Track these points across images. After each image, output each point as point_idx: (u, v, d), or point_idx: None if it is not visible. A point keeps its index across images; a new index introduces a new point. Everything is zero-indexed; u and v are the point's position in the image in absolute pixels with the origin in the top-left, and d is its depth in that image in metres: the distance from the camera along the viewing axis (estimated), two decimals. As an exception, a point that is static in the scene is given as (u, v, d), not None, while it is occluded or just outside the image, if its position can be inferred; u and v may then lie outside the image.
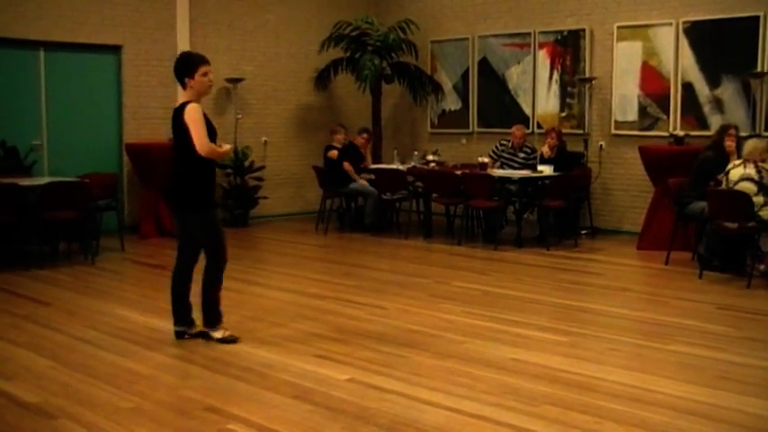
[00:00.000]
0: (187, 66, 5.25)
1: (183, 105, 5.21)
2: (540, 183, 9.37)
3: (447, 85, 12.00)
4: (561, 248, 9.24)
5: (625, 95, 10.15)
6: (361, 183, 10.39)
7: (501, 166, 10.01)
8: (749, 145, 7.60)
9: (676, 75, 9.67)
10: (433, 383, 4.59)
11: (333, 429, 3.93)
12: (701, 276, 7.56)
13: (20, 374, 4.76)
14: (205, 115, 5.29)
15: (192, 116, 5.14)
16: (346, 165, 10.43)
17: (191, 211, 5.32)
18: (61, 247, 8.81)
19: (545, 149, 9.72)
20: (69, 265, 8.24)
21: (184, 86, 5.27)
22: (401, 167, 10.35)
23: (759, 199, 7.31)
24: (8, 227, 8.08)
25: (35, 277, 7.64)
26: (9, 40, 9.29)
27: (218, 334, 5.41)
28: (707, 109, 9.48)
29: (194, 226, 5.35)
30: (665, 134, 9.63)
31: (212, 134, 5.29)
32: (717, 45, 9.34)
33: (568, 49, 10.63)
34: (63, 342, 5.46)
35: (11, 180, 8.03)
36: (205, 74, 5.24)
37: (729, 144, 8.05)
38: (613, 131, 10.29)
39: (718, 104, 9.39)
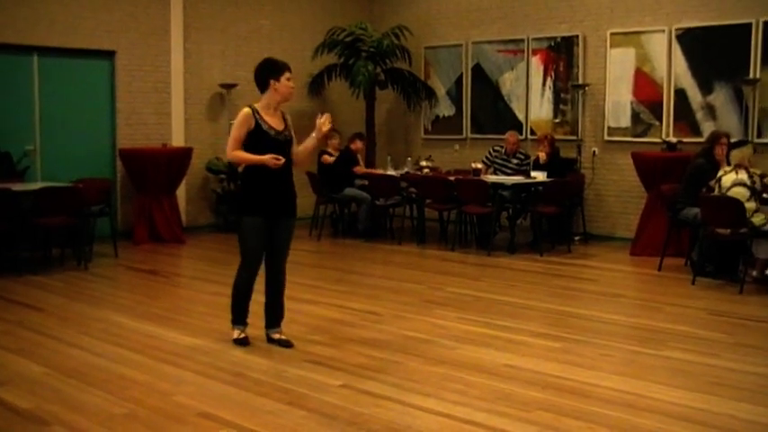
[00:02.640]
0: (275, 67, 5.35)
1: None
2: (533, 189, 9.39)
3: (440, 91, 12.03)
4: (554, 254, 9.25)
5: (618, 102, 10.18)
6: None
7: (494, 172, 10.03)
8: (736, 156, 7.62)
9: (669, 81, 9.71)
10: (427, 389, 4.59)
11: (326, 435, 3.94)
12: (693, 282, 7.59)
13: (13, 380, 4.75)
14: (283, 120, 5.41)
15: (236, 120, 5.36)
16: (358, 169, 10.51)
17: (236, 212, 5.36)
18: (54, 252, 8.77)
19: (541, 155, 9.73)
20: (62, 271, 8.21)
21: (266, 89, 5.34)
22: (394, 173, 10.37)
23: (751, 205, 7.34)
24: (1, 232, 8.05)
25: (28, 283, 7.61)
26: (2, 45, 9.28)
27: (234, 333, 5.49)
28: (699, 115, 9.52)
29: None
30: (658, 140, 9.65)
31: (282, 142, 5.37)
32: (709, 52, 9.38)
33: (562, 56, 10.66)
34: (56, 348, 5.45)
35: (4, 185, 8.00)
36: (289, 79, 5.35)
37: (719, 152, 8.08)
38: (606, 138, 10.32)
39: (711, 111, 9.43)
